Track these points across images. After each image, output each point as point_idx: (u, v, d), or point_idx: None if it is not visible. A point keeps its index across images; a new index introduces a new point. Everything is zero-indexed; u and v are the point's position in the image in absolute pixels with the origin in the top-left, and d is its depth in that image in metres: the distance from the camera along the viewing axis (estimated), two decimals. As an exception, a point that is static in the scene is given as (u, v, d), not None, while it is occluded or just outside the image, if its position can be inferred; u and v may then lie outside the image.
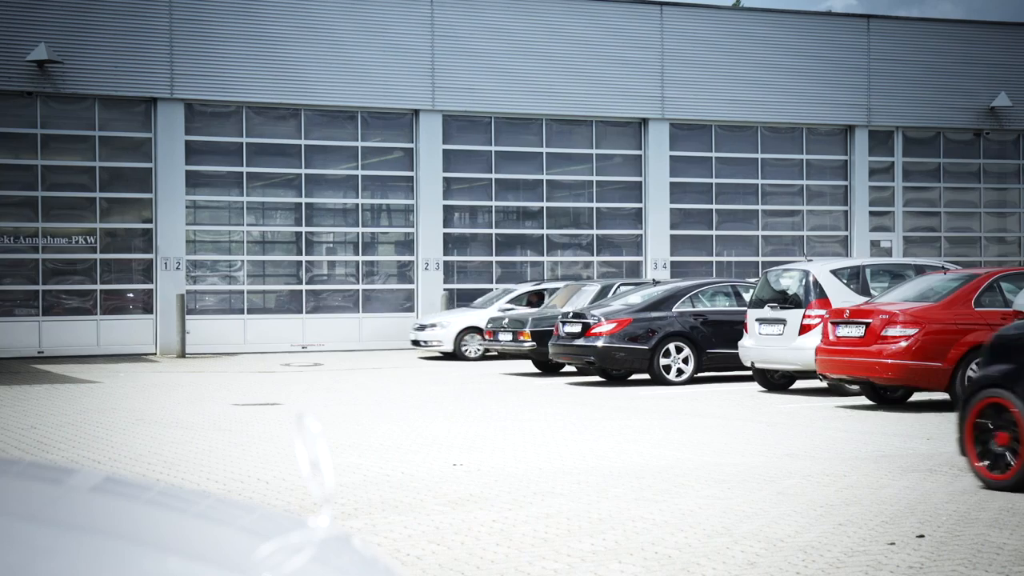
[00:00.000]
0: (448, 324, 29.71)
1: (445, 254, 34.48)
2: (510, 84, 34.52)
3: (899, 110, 38.46)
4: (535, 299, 29.92)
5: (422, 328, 30.05)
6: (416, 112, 33.98)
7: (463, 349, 29.37)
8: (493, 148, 34.97)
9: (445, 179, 34.45)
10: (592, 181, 36.06)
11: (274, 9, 32.65)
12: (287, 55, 32.57)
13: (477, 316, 29.44)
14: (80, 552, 2.18)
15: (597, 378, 23.58)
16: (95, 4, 31.31)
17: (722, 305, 23.22)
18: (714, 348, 22.43)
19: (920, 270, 20.54)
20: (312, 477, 2.65)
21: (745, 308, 21.72)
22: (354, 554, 2.54)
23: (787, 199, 37.98)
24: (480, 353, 29.31)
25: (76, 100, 31.42)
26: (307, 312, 33.39)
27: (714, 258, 37.06)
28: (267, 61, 32.43)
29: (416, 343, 30.06)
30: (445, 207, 34.43)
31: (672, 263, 36.23)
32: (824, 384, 19.88)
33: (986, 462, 10.26)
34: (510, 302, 29.99)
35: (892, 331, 17.04)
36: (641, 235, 36.23)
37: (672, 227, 36.46)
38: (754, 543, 8.09)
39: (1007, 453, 10.08)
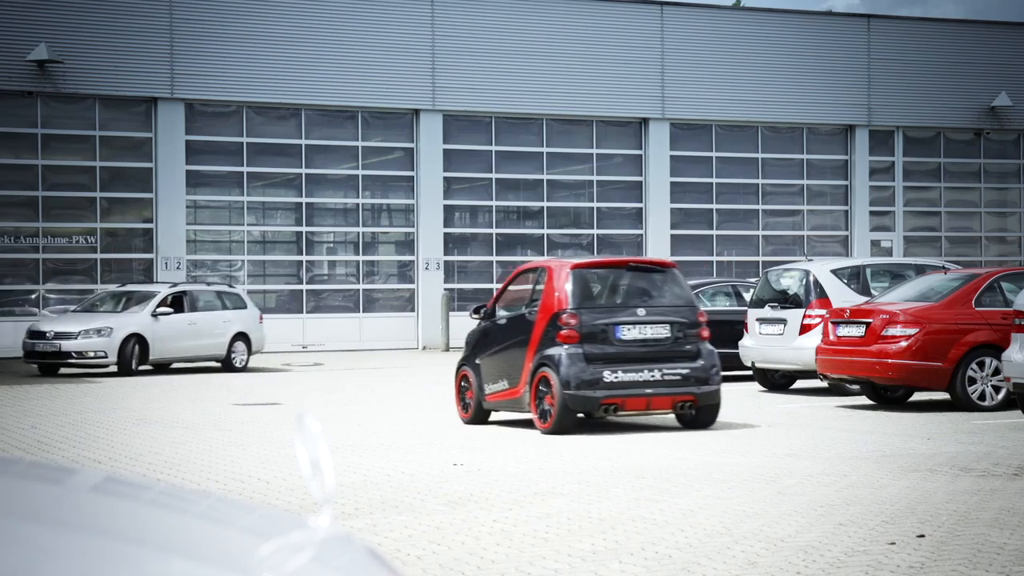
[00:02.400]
0: (115, 330, 25.29)
1: (445, 254, 34.48)
2: (510, 84, 34.52)
3: (899, 110, 38.46)
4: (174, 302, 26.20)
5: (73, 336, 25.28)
6: (416, 112, 33.98)
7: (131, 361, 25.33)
8: (493, 148, 34.97)
9: (445, 179, 34.45)
10: (592, 181, 36.07)
11: (274, 9, 32.65)
12: (287, 55, 32.57)
13: (138, 321, 25.61)
14: (84, 553, 2.18)
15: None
16: (95, 4, 31.31)
17: (722, 305, 23.20)
18: (714, 348, 22.39)
19: (920, 270, 20.54)
20: (312, 477, 2.65)
21: (745, 308, 21.71)
22: (354, 554, 2.54)
23: (787, 199, 37.98)
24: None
25: (76, 100, 31.42)
26: (307, 312, 33.39)
27: (714, 258, 37.06)
28: (267, 61, 32.43)
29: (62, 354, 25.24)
30: (445, 207, 34.44)
31: (672, 263, 36.21)
32: (824, 384, 19.88)
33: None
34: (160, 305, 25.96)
35: (893, 331, 17.04)
36: (641, 235, 36.23)
37: (672, 227, 36.46)
38: (754, 543, 8.09)
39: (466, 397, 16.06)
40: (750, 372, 21.34)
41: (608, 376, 14.26)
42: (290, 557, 2.38)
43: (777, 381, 20.97)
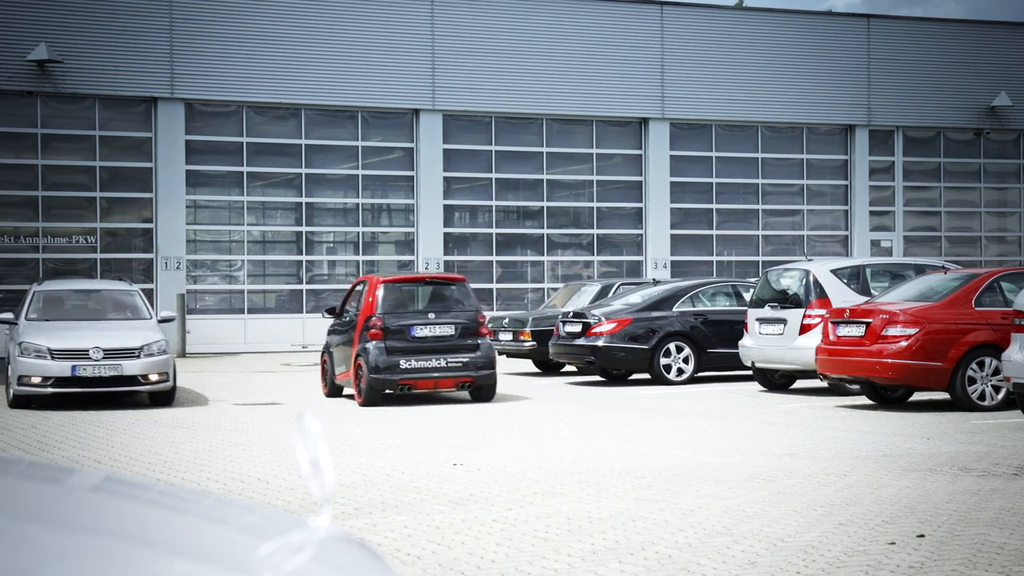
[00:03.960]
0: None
1: (445, 254, 34.48)
2: (510, 84, 34.52)
3: (899, 110, 38.46)
4: None
5: None
6: (416, 112, 33.98)
7: None
8: (493, 148, 34.97)
9: (445, 179, 34.45)
10: (592, 181, 36.06)
11: (274, 9, 32.65)
12: (287, 55, 32.57)
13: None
14: (86, 554, 2.18)
15: (597, 378, 23.59)
16: (95, 4, 31.31)
17: (722, 305, 23.22)
18: (714, 348, 22.43)
19: (920, 270, 20.54)
20: (312, 477, 2.65)
21: (745, 308, 21.73)
22: (354, 554, 2.54)
23: (787, 199, 37.98)
24: None
25: (76, 100, 31.42)
26: (307, 312, 33.39)
27: (714, 258, 37.06)
28: (267, 61, 32.43)
29: None
30: (445, 207, 34.44)
31: (672, 263, 36.23)
32: (824, 384, 19.88)
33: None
34: None
35: (892, 331, 17.05)
36: (641, 235, 36.24)
37: (672, 227, 36.46)
38: (754, 543, 8.09)
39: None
40: (750, 372, 21.35)
41: (404, 364, 18.69)
42: (290, 557, 2.39)
43: (777, 381, 20.98)
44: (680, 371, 22.25)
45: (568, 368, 25.28)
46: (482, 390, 19.13)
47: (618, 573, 7.34)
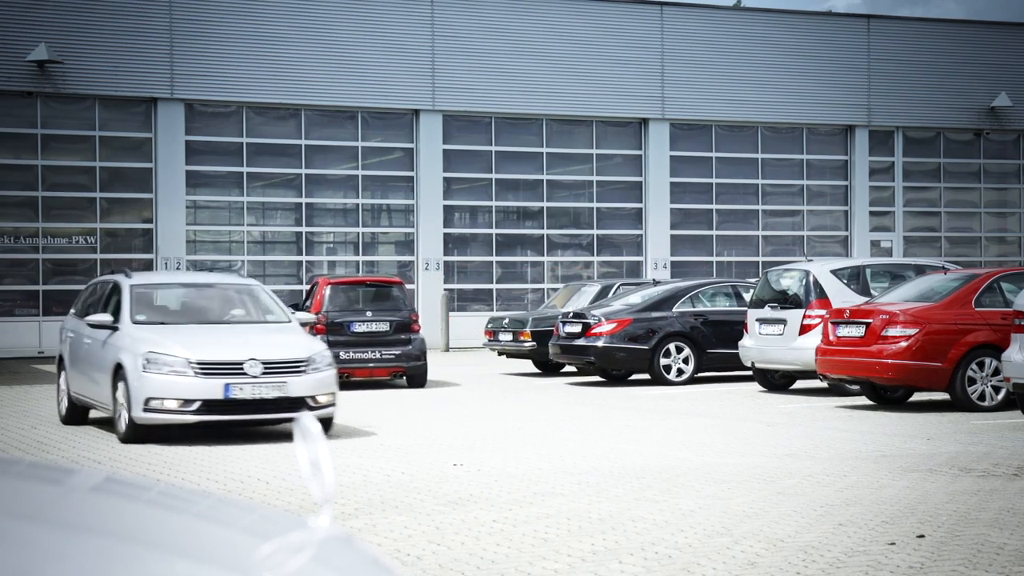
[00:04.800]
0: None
1: (445, 254, 34.48)
2: (510, 84, 34.52)
3: (899, 110, 38.46)
4: None
5: None
6: (416, 112, 33.98)
7: None
8: (493, 148, 34.97)
9: (445, 179, 34.45)
10: (592, 181, 36.06)
11: (274, 9, 32.65)
12: (287, 55, 32.57)
13: None
14: (86, 554, 2.18)
15: (597, 378, 23.58)
16: (95, 4, 31.31)
17: (722, 305, 23.22)
18: (714, 348, 22.43)
19: (920, 270, 20.54)
20: (312, 477, 2.65)
21: (745, 308, 21.73)
22: (354, 554, 2.54)
23: (787, 199, 37.98)
24: None
25: (76, 100, 31.42)
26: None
27: (714, 258, 37.06)
28: (267, 61, 32.42)
29: None
30: (445, 207, 34.44)
31: (672, 263, 36.22)
32: (824, 384, 19.88)
33: None
34: None
35: (892, 331, 17.05)
36: (641, 235, 36.24)
37: (672, 227, 36.46)
38: (754, 543, 8.09)
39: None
40: (750, 372, 21.35)
41: (343, 355, 20.66)
42: (290, 557, 2.39)
43: (777, 381, 20.97)
44: (680, 371, 22.25)
45: (568, 368, 25.28)
46: (414, 379, 21.79)
47: (618, 573, 7.34)
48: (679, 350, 22.32)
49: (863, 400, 18.34)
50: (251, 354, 14.02)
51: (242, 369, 13.88)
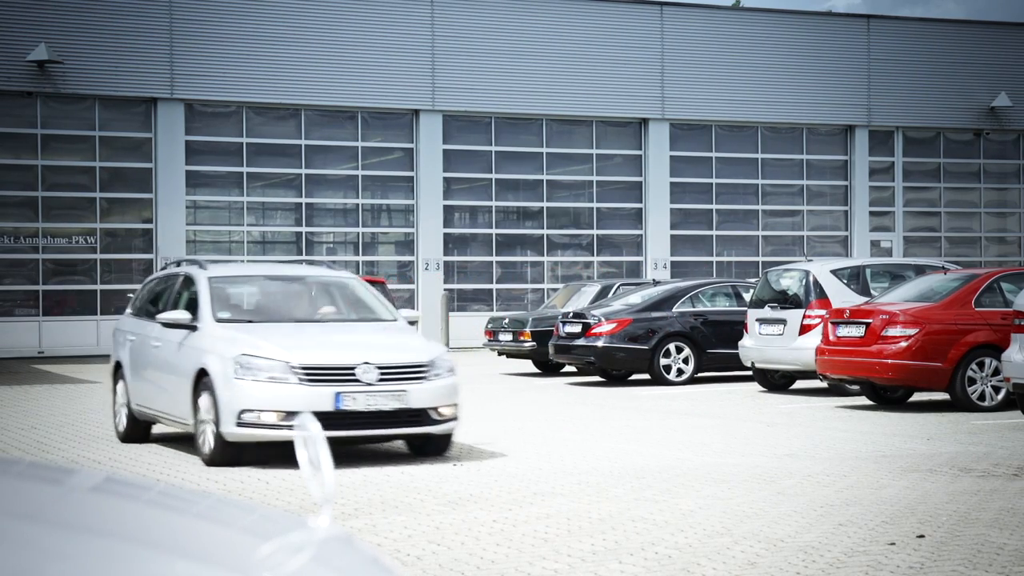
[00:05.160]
0: None
1: (445, 254, 34.48)
2: (510, 84, 34.52)
3: (899, 110, 38.46)
4: None
5: None
6: (416, 112, 33.98)
7: None
8: (493, 148, 34.97)
9: (445, 179, 34.45)
10: (592, 181, 36.06)
11: (274, 9, 32.65)
12: (287, 55, 32.57)
13: None
14: (87, 554, 2.18)
15: (597, 378, 23.58)
16: (95, 4, 31.31)
17: (722, 305, 23.23)
18: (714, 348, 22.43)
19: (920, 270, 20.54)
20: (312, 477, 2.65)
21: (745, 308, 21.73)
22: (354, 554, 2.54)
23: (787, 199, 37.98)
24: None
25: (76, 100, 31.42)
26: (307, 312, 33.36)
27: (714, 258, 37.06)
28: (267, 61, 32.42)
29: None
30: (445, 207, 34.44)
31: (672, 263, 36.22)
32: (824, 384, 19.88)
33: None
34: None
35: (892, 331, 17.05)
36: (641, 235, 36.23)
37: (672, 227, 36.46)
38: (754, 543, 8.09)
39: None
40: (750, 372, 21.35)
41: None
42: (290, 557, 2.39)
43: (777, 381, 20.97)
44: (680, 371, 22.25)
45: (568, 368, 25.27)
46: None
47: (618, 573, 7.34)
48: (679, 350, 22.32)
49: (863, 400, 18.34)
50: (364, 357, 11.96)
51: (354, 375, 11.84)
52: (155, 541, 2.33)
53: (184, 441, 13.43)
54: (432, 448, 12.61)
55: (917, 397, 18.31)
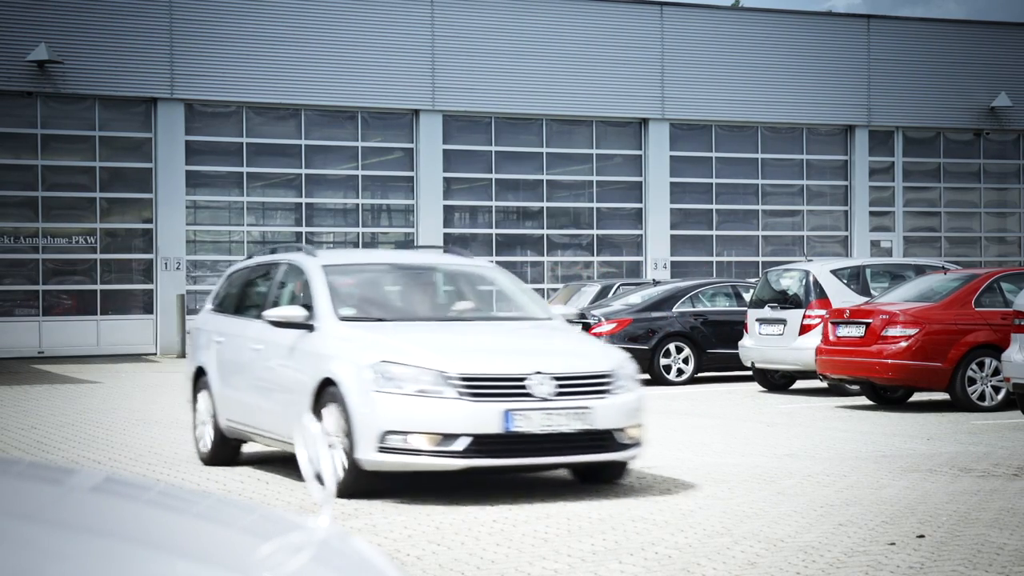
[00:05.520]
0: None
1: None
2: (510, 84, 34.52)
3: (899, 110, 38.46)
4: None
5: None
6: (416, 112, 33.98)
7: None
8: (493, 148, 34.97)
9: (445, 179, 34.45)
10: (592, 181, 36.06)
11: (274, 9, 32.65)
12: (287, 55, 32.57)
13: None
14: (87, 554, 2.18)
15: (597, 378, 23.54)
16: (95, 4, 31.31)
17: (722, 305, 23.23)
18: (714, 348, 22.44)
19: (920, 270, 20.54)
20: (312, 477, 2.65)
21: (745, 308, 21.74)
22: (354, 554, 2.54)
23: (787, 199, 37.98)
24: None
25: (76, 100, 31.42)
26: (307, 312, 33.37)
27: (714, 258, 37.06)
28: (267, 61, 32.42)
29: None
30: (445, 207, 34.44)
31: (672, 263, 36.22)
32: (824, 384, 19.88)
33: None
34: None
35: (892, 331, 17.05)
36: (641, 235, 36.23)
37: (672, 227, 36.45)
38: (754, 543, 8.09)
39: None
40: (750, 372, 21.35)
41: None
42: (290, 557, 2.39)
43: (777, 381, 20.98)
44: (680, 371, 22.25)
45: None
46: None
47: (618, 573, 7.34)
48: (679, 350, 22.33)
49: (863, 400, 18.34)
50: (536, 365, 9.80)
51: (524, 388, 9.65)
52: (155, 541, 2.33)
53: (283, 463, 11.84)
54: (606, 475, 10.56)
55: (917, 397, 18.31)
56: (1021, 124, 39.71)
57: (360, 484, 9.87)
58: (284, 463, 12.05)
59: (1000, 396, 16.81)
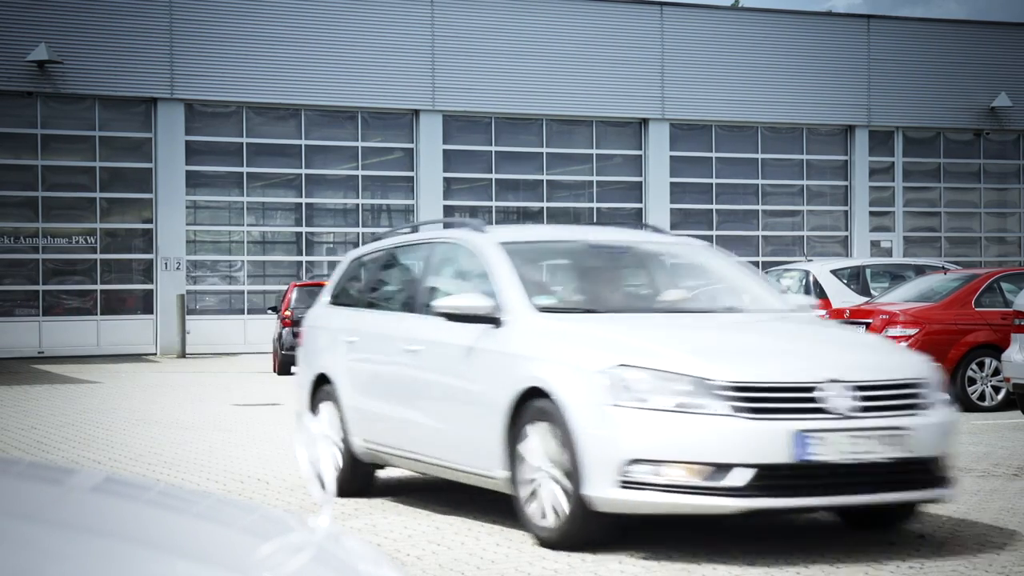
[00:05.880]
0: None
1: (445, 254, 34.45)
2: (510, 84, 34.54)
3: (899, 110, 38.47)
4: None
5: None
6: (416, 112, 34.00)
7: None
8: (493, 148, 34.99)
9: (445, 179, 34.47)
10: (592, 181, 36.08)
11: (274, 9, 32.66)
12: (287, 55, 32.58)
13: None
14: (87, 554, 2.18)
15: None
16: (95, 4, 31.32)
17: (722, 305, 23.20)
18: None
19: (920, 270, 20.55)
20: (312, 477, 2.65)
21: (745, 308, 21.69)
22: (354, 554, 2.54)
23: (787, 199, 38.00)
24: None
25: (76, 100, 31.43)
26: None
27: (714, 258, 37.04)
28: (267, 61, 32.44)
29: None
30: (445, 207, 34.45)
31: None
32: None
33: None
34: None
35: (892, 331, 17.05)
36: (641, 235, 36.22)
37: (672, 227, 36.45)
38: (754, 543, 8.09)
39: None
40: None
41: None
42: (290, 557, 2.39)
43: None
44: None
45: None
46: None
47: (618, 573, 7.33)
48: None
49: (863, 400, 18.31)
50: (827, 371, 7.44)
51: (815, 401, 7.33)
52: (155, 541, 2.33)
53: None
54: (887, 518, 8.28)
55: (917, 397, 18.28)
56: (1021, 124, 39.73)
57: (590, 531, 7.64)
58: (284, 463, 12.03)
59: (1000, 396, 16.82)
